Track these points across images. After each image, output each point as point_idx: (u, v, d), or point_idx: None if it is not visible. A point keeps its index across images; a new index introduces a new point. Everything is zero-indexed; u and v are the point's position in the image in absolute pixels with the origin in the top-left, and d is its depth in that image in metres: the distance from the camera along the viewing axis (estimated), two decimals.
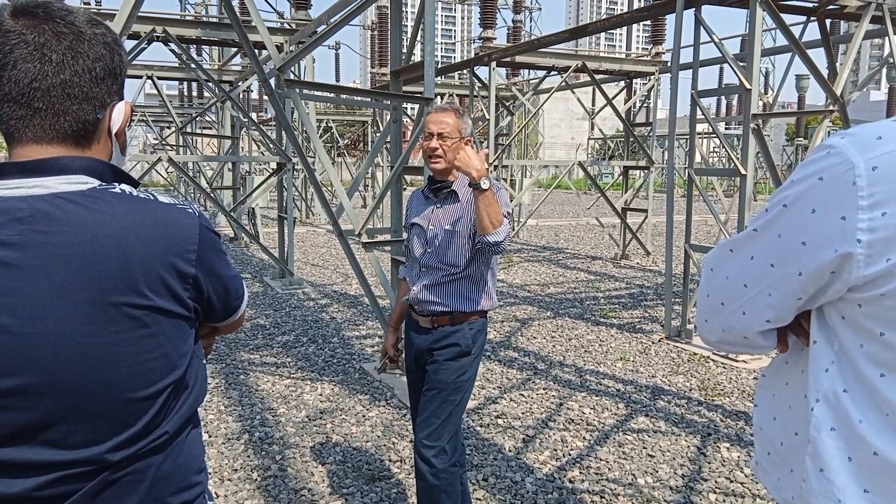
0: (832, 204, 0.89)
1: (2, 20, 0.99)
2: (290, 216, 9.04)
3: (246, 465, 3.62)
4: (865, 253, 0.88)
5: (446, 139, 2.54)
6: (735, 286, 1.05)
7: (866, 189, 0.86)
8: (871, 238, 0.87)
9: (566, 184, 23.65)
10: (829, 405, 0.97)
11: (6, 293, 0.95)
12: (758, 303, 1.02)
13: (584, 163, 11.24)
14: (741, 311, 1.05)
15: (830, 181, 0.90)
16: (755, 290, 1.02)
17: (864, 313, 0.92)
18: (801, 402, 1.05)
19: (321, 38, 5.29)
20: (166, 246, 1.04)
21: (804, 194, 0.93)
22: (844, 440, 0.96)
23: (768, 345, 1.09)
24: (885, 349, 0.92)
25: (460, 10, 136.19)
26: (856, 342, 0.94)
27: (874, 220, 0.86)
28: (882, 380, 0.92)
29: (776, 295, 1.00)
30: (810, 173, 0.93)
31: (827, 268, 0.92)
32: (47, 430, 0.99)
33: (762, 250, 1.01)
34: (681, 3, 6.03)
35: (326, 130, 21.00)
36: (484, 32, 11.40)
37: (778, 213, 0.97)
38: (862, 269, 0.88)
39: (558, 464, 3.68)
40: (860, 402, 0.94)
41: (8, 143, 1.04)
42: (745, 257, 1.03)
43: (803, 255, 0.94)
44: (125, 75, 1.13)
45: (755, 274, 1.02)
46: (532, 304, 7.84)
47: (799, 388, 1.07)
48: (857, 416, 0.94)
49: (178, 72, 11.70)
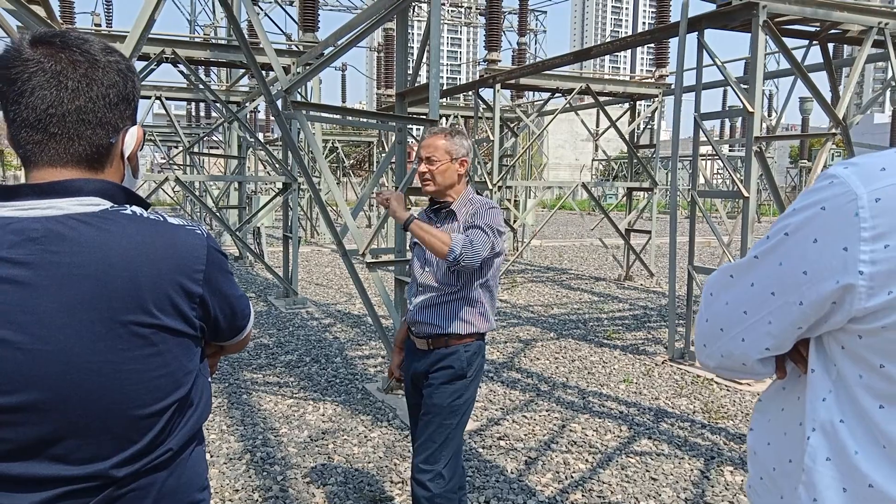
0: (834, 234, 0.89)
1: (21, 49, 1.03)
2: (295, 236, 9.08)
3: (247, 486, 3.61)
4: (867, 285, 0.87)
5: (434, 163, 2.61)
6: (735, 312, 1.05)
7: (869, 221, 0.86)
8: (874, 270, 0.86)
9: (570, 205, 23.68)
10: (826, 435, 0.96)
11: (18, 311, 0.97)
12: (757, 330, 1.02)
13: (588, 184, 11.27)
14: (740, 337, 1.05)
15: (833, 211, 0.89)
16: (755, 317, 1.02)
17: (864, 345, 0.92)
18: (796, 430, 1.04)
19: (328, 61, 5.35)
20: (174, 266, 1.06)
21: (806, 223, 0.93)
22: (840, 471, 0.95)
23: (767, 371, 1.09)
24: (884, 381, 0.91)
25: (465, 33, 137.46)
26: (855, 373, 0.94)
27: (876, 253, 0.86)
28: (880, 411, 0.91)
29: (776, 323, 0.99)
30: (813, 202, 0.92)
31: (828, 298, 0.91)
32: (54, 445, 1.01)
33: (763, 278, 1.00)
34: (683, 27, 6.10)
35: (332, 150, 21.14)
36: (489, 55, 11.50)
37: (780, 240, 0.97)
38: (863, 302, 0.88)
39: (561, 486, 3.66)
40: (857, 433, 0.94)
41: (25, 167, 1.07)
42: (746, 284, 1.03)
43: (804, 285, 0.93)
44: (138, 101, 1.17)
45: (755, 301, 1.01)
46: (535, 325, 7.83)
47: (794, 414, 1.06)
48: (854, 447, 0.93)
49: (186, 92, 11.82)
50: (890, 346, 0.89)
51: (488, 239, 2.45)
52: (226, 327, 1.22)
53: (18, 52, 1.02)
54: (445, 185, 2.63)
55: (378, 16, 4.89)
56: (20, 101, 1.02)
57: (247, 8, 5.26)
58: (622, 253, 11.75)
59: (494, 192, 10.49)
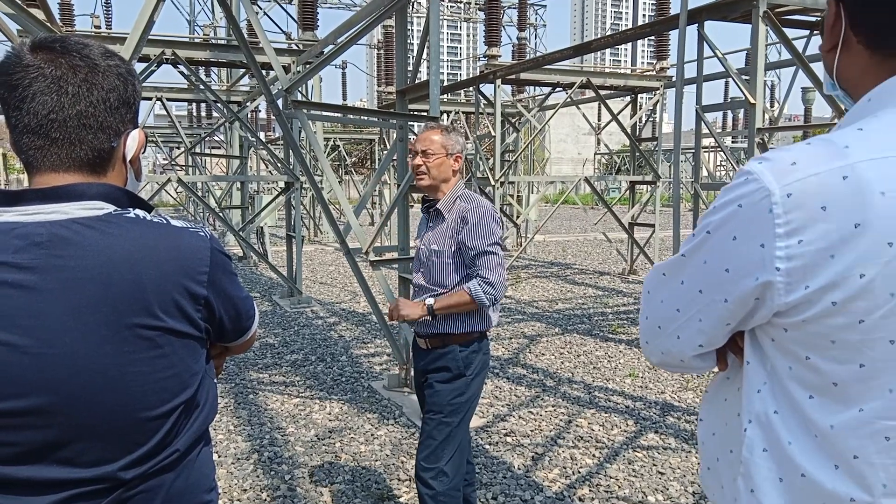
0: (751, 231, 0.90)
1: (22, 55, 1.03)
2: (299, 235, 9.08)
3: (255, 486, 3.62)
4: (784, 281, 0.88)
5: (430, 156, 2.63)
6: (669, 310, 1.05)
7: (783, 217, 0.86)
8: (790, 266, 0.87)
9: (573, 199, 23.66)
10: (761, 426, 0.98)
11: (24, 315, 0.98)
12: (690, 328, 1.03)
13: (591, 178, 11.25)
14: (676, 335, 1.05)
15: (748, 208, 0.90)
16: (686, 315, 1.02)
17: (790, 338, 0.93)
18: (735, 421, 1.05)
19: (328, 59, 5.35)
20: (178, 268, 1.07)
21: (726, 221, 0.93)
22: (776, 461, 0.96)
23: (707, 365, 1.09)
24: (811, 372, 0.92)
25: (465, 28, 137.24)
26: (785, 365, 0.95)
27: (791, 248, 0.86)
28: (811, 402, 0.93)
29: (706, 320, 1.00)
30: (731, 199, 0.93)
31: (750, 295, 0.92)
32: (62, 448, 1.02)
33: (691, 276, 1.01)
34: (683, 19, 6.08)
35: (334, 149, 21.13)
36: (489, 50, 11.48)
37: (703, 239, 0.97)
38: (783, 297, 0.89)
39: (568, 482, 3.66)
40: (790, 424, 0.95)
41: (27, 172, 1.08)
42: (677, 282, 1.03)
43: (727, 283, 0.94)
44: (139, 104, 1.17)
45: (686, 299, 1.02)
46: (540, 321, 7.83)
47: (735, 405, 1.07)
48: (787, 437, 0.95)
49: (187, 93, 11.83)
50: (813, 339, 0.90)
51: (498, 258, 2.54)
52: (231, 328, 1.22)
53: (19, 58, 1.03)
54: (440, 180, 2.66)
55: (377, 13, 4.88)
56: (21, 107, 1.03)
57: (245, 7, 5.25)
58: (626, 247, 11.74)
59: (497, 187, 10.48)
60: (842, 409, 0.91)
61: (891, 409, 0.88)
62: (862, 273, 0.84)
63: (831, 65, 1.00)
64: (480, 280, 2.50)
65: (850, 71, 0.98)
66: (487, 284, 2.49)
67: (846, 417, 0.91)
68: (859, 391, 0.89)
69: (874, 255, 0.83)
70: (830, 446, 0.92)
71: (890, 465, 0.90)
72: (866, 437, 0.90)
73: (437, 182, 2.65)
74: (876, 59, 0.94)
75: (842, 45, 0.97)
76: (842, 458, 0.91)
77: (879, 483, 0.90)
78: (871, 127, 0.89)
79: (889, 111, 0.90)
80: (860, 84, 0.96)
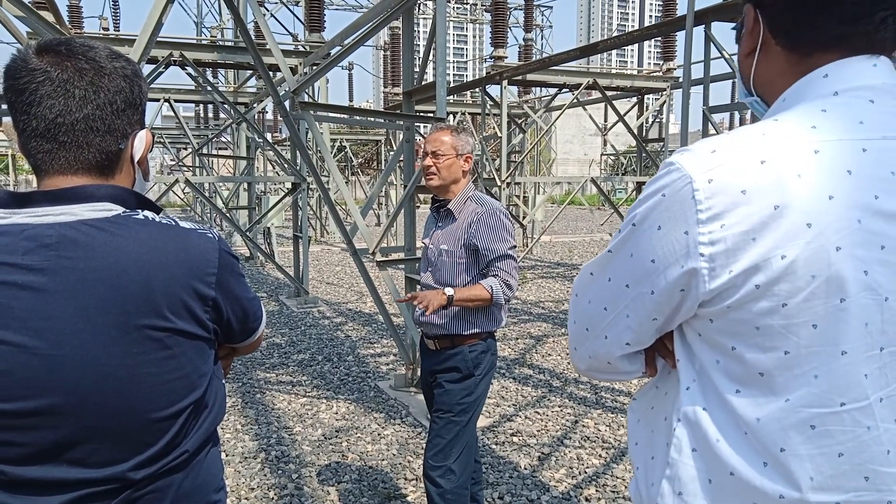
0: (675, 219, 0.89)
1: (28, 58, 1.03)
2: (305, 235, 9.11)
3: (263, 485, 3.64)
4: (709, 267, 0.87)
5: (440, 157, 2.63)
6: (596, 310, 1.03)
7: (704, 202, 0.86)
8: (713, 251, 0.86)
9: (579, 200, 23.64)
10: (690, 424, 0.96)
11: (34, 317, 0.98)
12: (617, 325, 1.00)
13: (597, 179, 11.25)
14: (603, 335, 1.03)
15: (671, 196, 0.89)
16: (614, 312, 1.00)
17: (715, 328, 0.92)
18: (661, 425, 1.03)
19: (335, 61, 5.37)
20: (187, 270, 1.07)
21: (650, 212, 0.92)
22: (705, 461, 0.94)
23: (634, 370, 1.07)
24: (737, 364, 0.91)
25: (472, 30, 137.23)
26: (712, 359, 0.94)
27: (714, 233, 0.86)
28: (737, 396, 0.91)
29: (633, 316, 0.98)
30: (654, 190, 0.92)
31: (676, 285, 0.91)
32: (72, 449, 1.02)
33: (617, 271, 0.99)
34: (690, 20, 6.07)
35: (340, 150, 21.18)
36: (495, 51, 11.49)
37: (629, 232, 0.96)
38: (707, 284, 0.88)
39: (574, 482, 3.66)
40: (719, 421, 0.93)
41: (36, 175, 1.08)
42: (604, 279, 1.01)
43: (653, 274, 0.93)
44: (145, 104, 1.17)
45: (613, 296, 1.00)
46: (546, 321, 7.83)
47: (661, 410, 1.04)
48: (716, 435, 0.93)
49: (194, 94, 11.88)
50: (737, 327, 0.89)
51: (515, 261, 2.58)
52: (238, 329, 1.23)
53: (25, 61, 1.03)
54: (450, 180, 2.66)
55: (384, 15, 4.89)
56: (29, 112, 1.03)
57: (253, 9, 5.28)
58: None
59: (503, 188, 10.48)
60: (768, 400, 0.89)
61: (816, 396, 0.87)
62: (783, 254, 0.84)
63: (749, 70, 1.01)
64: (501, 281, 2.52)
65: (768, 74, 0.99)
66: (507, 287, 2.53)
67: (772, 408, 0.89)
68: (785, 380, 0.88)
69: (794, 235, 0.83)
70: (758, 441, 0.90)
71: (816, 455, 0.88)
72: (792, 428, 0.88)
73: (447, 183, 2.65)
74: (793, 59, 0.96)
75: (760, 49, 0.99)
76: (769, 453, 0.89)
77: (807, 476, 0.88)
78: (786, 117, 0.91)
79: (802, 105, 0.92)
80: (777, 85, 0.98)
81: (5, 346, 0.98)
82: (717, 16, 6.06)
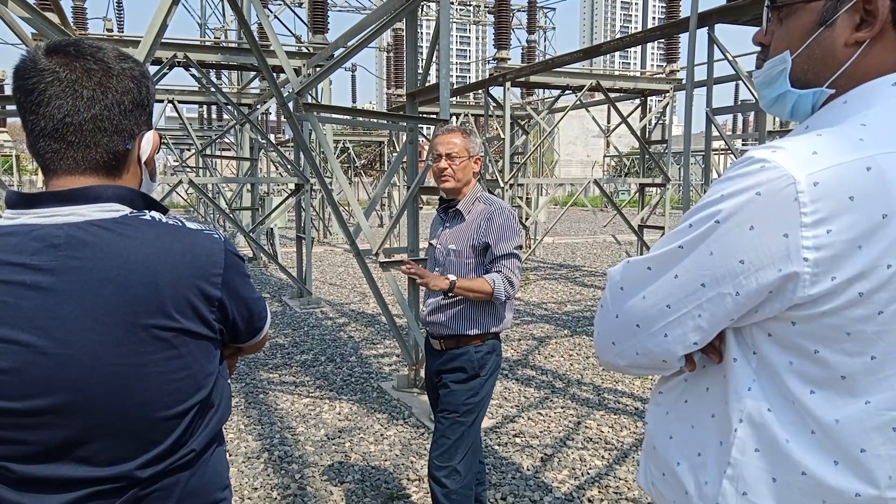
0: (773, 220, 0.85)
1: (37, 59, 1.04)
2: (308, 236, 9.12)
3: (266, 484, 3.65)
4: (811, 272, 0.85)
5: (455, 159, 2.63)
6: (654, 307, 0.98)
7: (810, 206, 0.83)
8: (817, 256, 0.84)
9: (582, 201, 23.62)
10: (755, 426, 0.94)
11: (42, 316, 0.99)
12: (684, 325, 0.96)
13: (600, 180, 11.24)
14: (662, 333, 0.98)
15: (770, 196, 0.85)
16: (680, 311, 0.95)
17: (798, 331, 0.90)
18: (707, 422, 1.01)
19: (339, 62, 5.38)
20: (193, 270, 1.08)
21: (740, 209, 0.88)
22: (769, 461, 0.93)
23: (680, 365, 1.04)
24: (817, 366, 0.90)
25: (475, 31, 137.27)
26: (784, 360, 0.92)
27: (819, 238, 0.84)
28: (812, 397, 0.90)
29: (707, 316, 0.94)
30: (745, 187, 0.87)
31: (767, 287, 0.88)
32: (79, 447, 1.03)
33: (690, 269, 0.93)
34: (694, 22, 6.07)
35: (343, 151, 21.19)
36: (498, 53, 11.49)
37: (709, 228, 0.91)
38: (807, 289, 0.86)
39: (577, 483, 3.66)
40: (786, 421, 0.92)
41: (44, 175, 1.09)
42: (668, 276, 0.96)
43: (741, 275, 0.89)
44: (153, 105, 1.18)
45: (681, 294, 0.95)
46: (549, 323, 7.83)
47: (703, 406, 1.02)
48: (784, 435, 0.92)
49: (198, 95, 11.90)
50: (827, 332, 0.88)
51: (519, 261, 2.59)
52: (244, 329, 1.24)
53: (34, 62, 1.04)
54: (463, 182, 2.66)
55: (388, 17, 4.90)
56: (38, 111, 1.04)
57: (257, 10, 5.29)
58: (635, 249, 11.70)
59: (506, 190, 10.49)
60: (848, 402, 0.89)
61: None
62: (889, 263, 0.84)
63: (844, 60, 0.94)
64: (504, 277, 2.53)
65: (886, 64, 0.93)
66: (509, 284, 2.54)
67: (853, 410, 0.89)
68: (868, 383, 0.89)
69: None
70: (831, 442, 0.90)
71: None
72: (873, 430, 0.89)
73: (460, 185, 2.66)
74: None
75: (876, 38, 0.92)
76: (844, 453, 0.90)
77: (885, 475, 0.90)
78: (873, 124, 0.88)
79: (879, 109, 0.90)
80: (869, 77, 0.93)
81: (14, 346, 0.99)
82: (720, 18, 6.06)
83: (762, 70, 1.05)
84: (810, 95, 0.99)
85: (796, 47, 0.98)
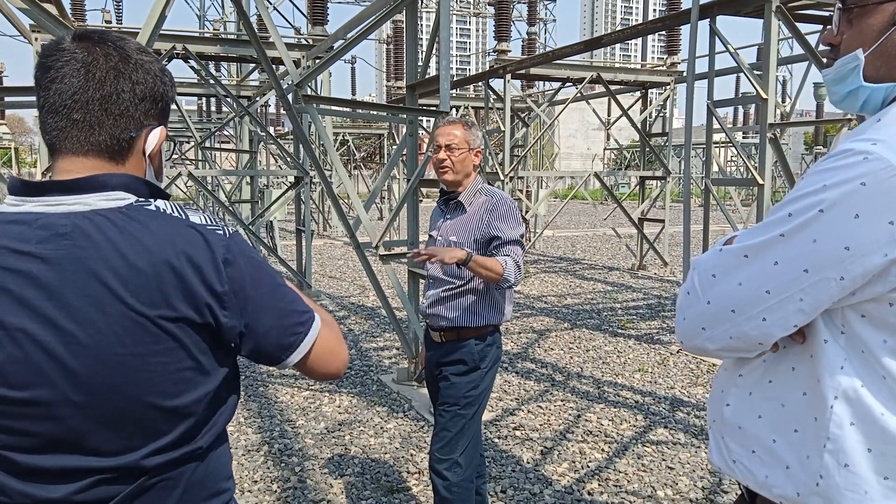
0: (879, 208, 0.91)
1: (62, 41, 1.07)
2: (308, 229, 9.11)
3: (266, 477, 3.65)
4: None
5: (454, 150, 2.62)
6: (752, 293, 1.03)
7: None
8: None
9: (582, 194, 23.60)
10: (849, 401, 1.00)
11: (48, 305, 0.99)
12: (785, 308, 1.01)
13: (601, 173, 11.23)
14: (760, 317, 1.03)
15: (875, 186, 0.91)
16: (781, 295, 1.01)
17: (894, 311, 0.96)
18: (798, 399, 1.07)
19: (338, 54, 5.36)
20: (198, 261, 1.07)
21: (844, 199, 0.93)
22: (864, 434, 1.00)
23: (764, 349, 1.09)
24: None
25: (475, 23, 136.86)
26: (878, 338, 0.98)
27: None
28: None
29: (809, 300, 0.99)
30: (849, 178, 0.93)
31: (872, 271, 0.94)
32: (86, 437, 1.03)
33: (792, 256, 0.99)
34: (695, 14, 6.05)
35: (343, 143, 21.16)
36: (499, 45, 11.45)
37: (812, 217, 0.97)
38: None
39: (577, 476, 3.67)
40: (880, 396, 0.98)
41: (50, 154, 1.11)
42: (767, 263, 1.01)
43: (846, 260, 0.95)
44: (168, 104, 1.18)
45: (781, 280, 1.00)
46: (549, 316, 7.83)
47: (791, 385, 1.08)
48: (879, 409, 0.98)
49: (197, 87, 11.87)
50: None
51: (522, 248, 2.59)
52: (265, 334, 1.22)
53: (59, 43, 1.07)
54: (463, 174, 2.65)
55: (387, 8, 4.88)
56: (50, 87, 1.06)
57: (256, 2, 5.27)
58: (635, 242, 11.71)
59: (506, 182, 10.47)
60: None
61: None
62: None
63: None
64: (513, 261, 2.52)
65: None
66: (517, 268, 2.53)
67: None
68: None
69: None
70: None
71: None
72: None
73: (460, 177, 2.65)
74: None
75: None
76: None
77: None
78: None
79: None
80: None
81: (20, 334, 0.99)
82: (722, 9, 6.03)
83: (834, 67, 1.11)
84: (882, 90, 1.05)
85: (869, 45, 1.05)
